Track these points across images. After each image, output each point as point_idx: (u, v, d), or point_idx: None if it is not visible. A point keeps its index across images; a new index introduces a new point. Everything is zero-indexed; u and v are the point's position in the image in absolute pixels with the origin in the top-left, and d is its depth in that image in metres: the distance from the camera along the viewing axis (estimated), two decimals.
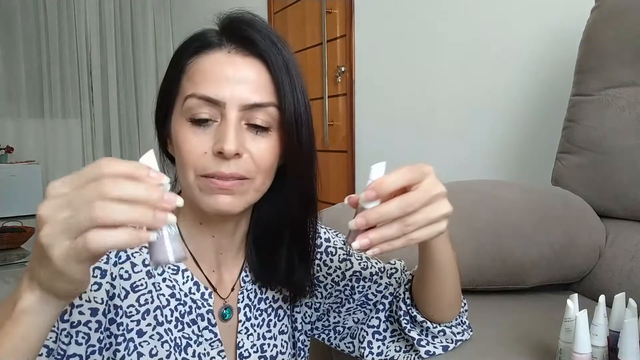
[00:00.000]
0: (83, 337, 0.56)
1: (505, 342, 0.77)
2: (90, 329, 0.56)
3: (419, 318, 0.67)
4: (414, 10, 2.08)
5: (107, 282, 0.57)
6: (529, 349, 0.74)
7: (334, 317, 0.74)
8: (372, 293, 0.72)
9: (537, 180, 1.47)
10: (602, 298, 0.64)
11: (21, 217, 4.20)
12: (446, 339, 0.70)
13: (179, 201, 0.39)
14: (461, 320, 0.72)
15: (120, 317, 0.58)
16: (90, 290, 0.56)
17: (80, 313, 0.56)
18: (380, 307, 0.71)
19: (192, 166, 0.56)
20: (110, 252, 0.58)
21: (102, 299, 0.57)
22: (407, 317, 0.68)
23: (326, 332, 0.75)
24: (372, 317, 0.71)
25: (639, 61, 1.05)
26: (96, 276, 0.57)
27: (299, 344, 0.73)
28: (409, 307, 0.68)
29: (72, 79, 4.97)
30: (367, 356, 0.71)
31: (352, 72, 2.52)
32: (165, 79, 0.61)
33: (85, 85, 5.01)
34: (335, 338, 0.75)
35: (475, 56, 1.82)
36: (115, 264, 0.58)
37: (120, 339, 0.58)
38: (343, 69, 2.61)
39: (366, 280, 0.72)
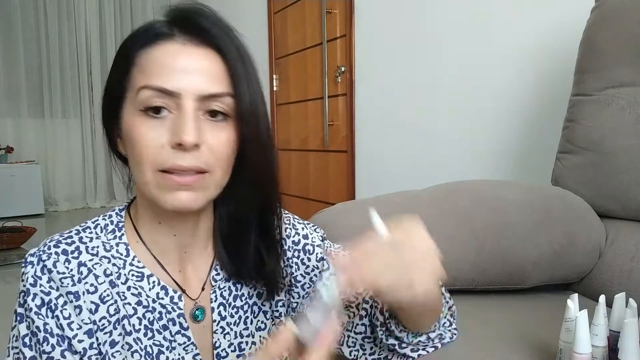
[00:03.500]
0: None
1: (505, 342, 0.77)
2: (95, 349, 0.57)
3: (397, 332, 0.64)
4: (414, 10, 2.08)
5: (83, 302, 0.57)
6: (529, 349, 0.74)
7: None
8: (353, 295, 0.67)
9: (537, 180, 1.47)
10: (602, 298, 0.64)
11: (21, 217, 4.20)
12: (425, 345, 0.67)
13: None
14: (438, 325, 0.67)
15: (96, 332, 0.57)
16: (77, 315, 0.56)
17: (80, 341, 0.56)
18: (363, 312, 0.68)
19: (149, 162, 0.54)
20: (72, 270, 0.57)
21: (88, 318, 0.57)
22: (384, 329, 0.65)
23: None
24: (358, 324, 0.69)
25: (639, 61, 1.05)
26: (72, 301, 0.56)
27: None
28: (388, 320, 0.64)
29: (72, 79, 4.97)
30: (360, 357, 0.70)
31: (352, 72, 2.52)
32: (113, 73, 0.59)
33: (85, 85, 5.01)
34: None
35: (475, 56, 1.82)
36: (79, 281, 0.57)
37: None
38: (343, 69, 2.61)
39: None
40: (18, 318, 0.57)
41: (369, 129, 2.47)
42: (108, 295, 0.58)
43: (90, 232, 0.61)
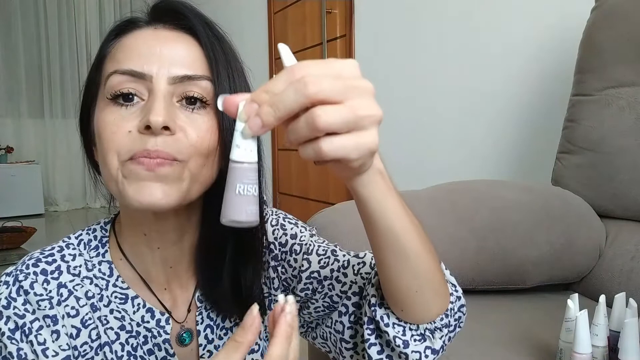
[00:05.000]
0: None
1: (505, 342, 0.77)
2: None
3: (382, 324, 0.51)
4: (414, 10, 2.08)
5: (62, 326, 0.53)
6: (529, 349, 0.74)
7: (308, 316, 0.65)
8: (337, 294, 0.60)
9: (537, 180, 1.47)
10: (602, 298, 0.64)
11: (21, 217, 4.20)
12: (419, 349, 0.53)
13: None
14: (447, 322, 0.52)
15: (77, 358, 0.53)
16: (53, 342, 0.52)
17: None
18: (343, 309, 0.59)
19: (114, 150, 0.47)
20: (51, 291, 0.53)
21: (67, 344, 0.53)
22: (371, 326, 0.54)
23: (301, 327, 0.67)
24: (337, 322, 0.61)
25: (639, 61, 1.05)
26: (49, 325, 0.52)
27: None
28: (373, 309, 0.52)
29: (72, 79, 4.98)
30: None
31: None
32: (88, 74, 0.55)
33: None
34: (308, 335, 0.67)
35: (475, 56, 1.82)
36: (59, 303, 0.53)
37: None
38: None
39: (327, 279, 0.60)
40: None
41: None
42: (90, 318, 0.55)
43: (74, 249, 0.57)
